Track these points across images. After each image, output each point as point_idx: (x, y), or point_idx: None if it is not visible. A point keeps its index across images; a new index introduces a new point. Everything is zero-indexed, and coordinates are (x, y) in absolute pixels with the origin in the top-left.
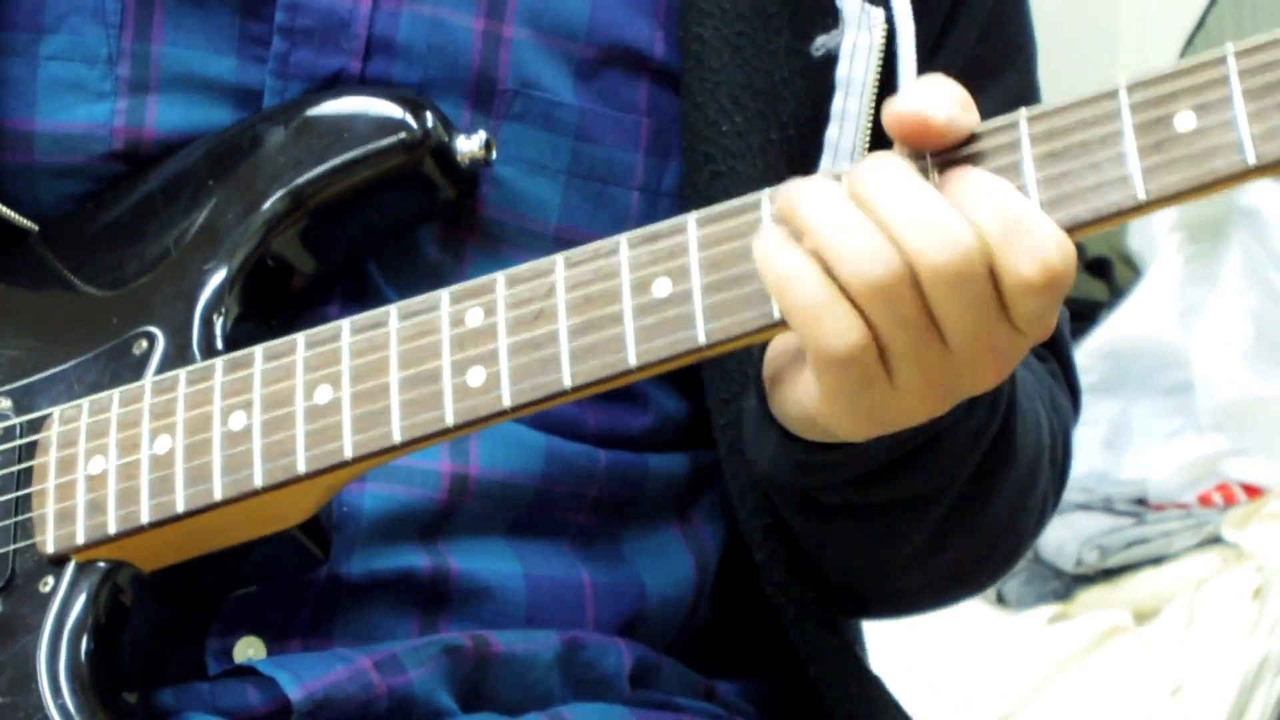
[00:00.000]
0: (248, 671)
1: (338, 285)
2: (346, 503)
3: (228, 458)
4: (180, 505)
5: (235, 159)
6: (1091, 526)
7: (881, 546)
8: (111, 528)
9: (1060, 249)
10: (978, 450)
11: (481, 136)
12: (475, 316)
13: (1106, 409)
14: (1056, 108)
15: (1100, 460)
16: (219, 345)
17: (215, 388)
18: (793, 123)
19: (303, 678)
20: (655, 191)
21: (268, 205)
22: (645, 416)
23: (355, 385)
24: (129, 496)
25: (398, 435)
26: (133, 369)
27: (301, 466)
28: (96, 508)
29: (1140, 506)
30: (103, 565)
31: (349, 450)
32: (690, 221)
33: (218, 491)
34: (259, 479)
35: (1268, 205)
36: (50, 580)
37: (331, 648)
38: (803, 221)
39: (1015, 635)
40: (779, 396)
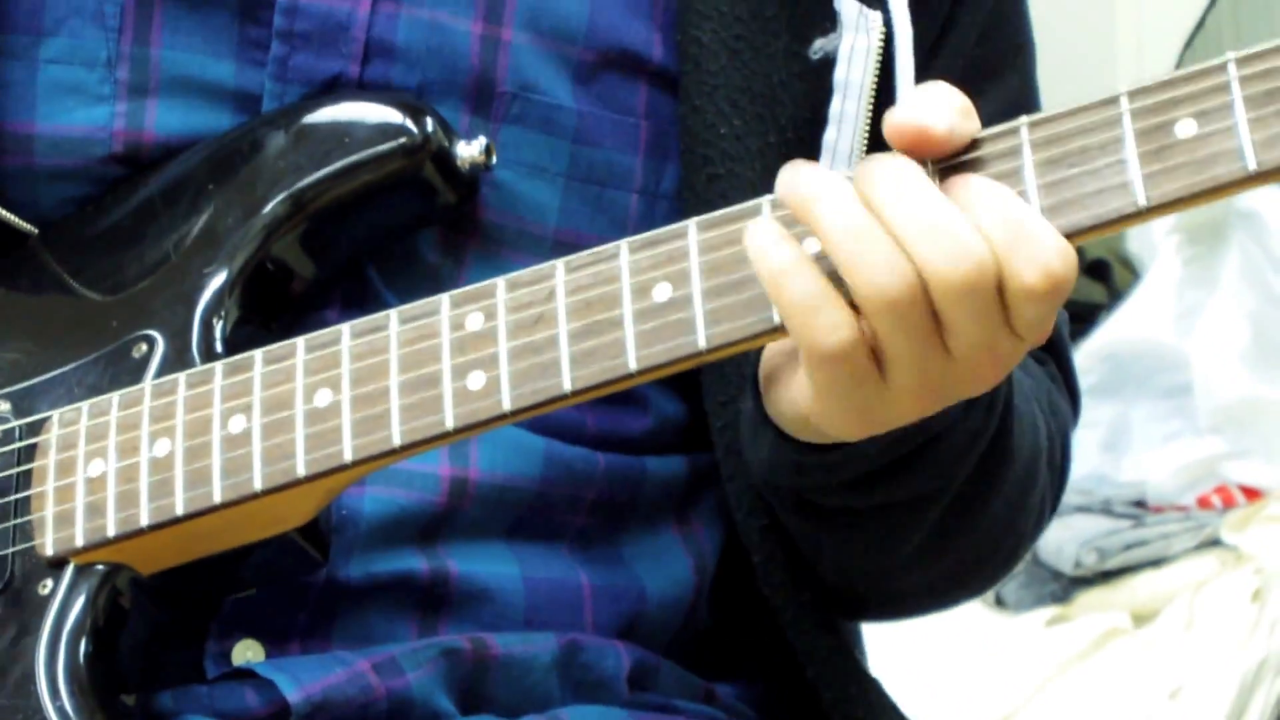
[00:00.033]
0: (246, 674)
1: (337, 289)
2: (346, 506)
3: (227, 461)
4: (179, 508)
5: (235, 163)
6: (1090, 529)
7: (879, 549)
8: (111, 530)
9: (1062, 256)
10: (975, 452)
11: (482, 141)
12: (475, 321)
13: (1105, 411)
14: (1057, 114)
15: (1099, 462)
16: (219, 349)
17: (215, 391)
18: (791, 125)
19: (301, 680)
20: (654, 194)
21: (268, 209)
22: (644, 419)
23: (355, 389)
24: (128, 499)
25: (397, 439)
26: (132, 372)
27: (301, 470)
28: (96, 510)
29: (1139, 509)
30: (101, 568)
31: (349, 454)
32: (691, 226)
33: (217, 494)
34: (258, 482)
35: (1267, 208)
36: (49, 583)
37: (330, 650)
38: (816, 221)
39: (1014, 637)
40: (774, 396)
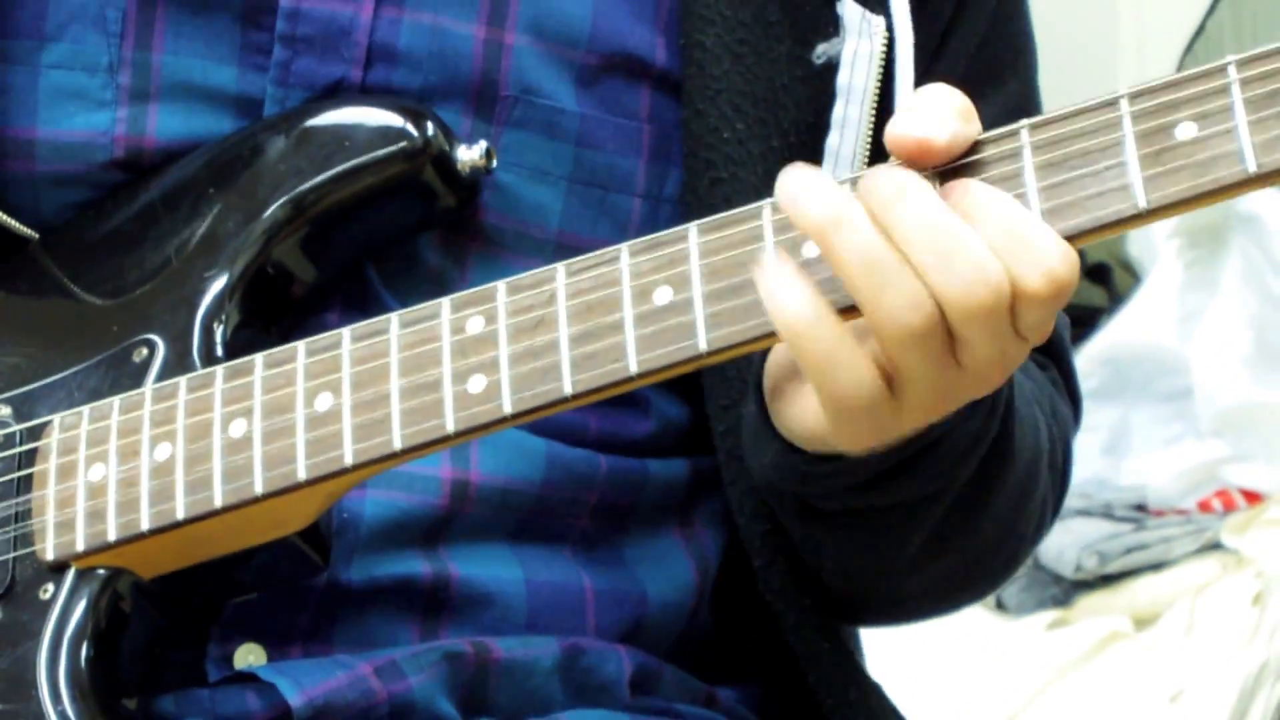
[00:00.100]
0: (248, 678)
1: (338, 292)
2: (347, 509)
3: (228, 465)
4: (180, 512)
5: (236, 167)
6: (1091, 532)
7: (881, 550)
8: (111, 535)
9: (1064, 259)
10: (976, 454)
11: (482, 145)
12: (476, 324)
13: (1106, 415)
14: (1057, 116)
15: (1100, 466)
16: (219, 353)
17: (216, 395)
18: (794, 130)
19: (303, 684)
20: (657, 198)
21: (268, 213)
22: (646, 422)
23: (356, 393)
24: (129, 504)
25: (398, 442)
26: (133, 376)
27: (302, 474)
28: (96, 515)
29: (1140, 512)
30: (102, 572)
31: (349, 457)
32: (691, 230)
33: (218, 499)
34: (259, 486)
35: (1267, 211)
36: (50, 587)
37: (332, 654)
38: (830, 252)
39: (1015, 641)
40: (781, 412)
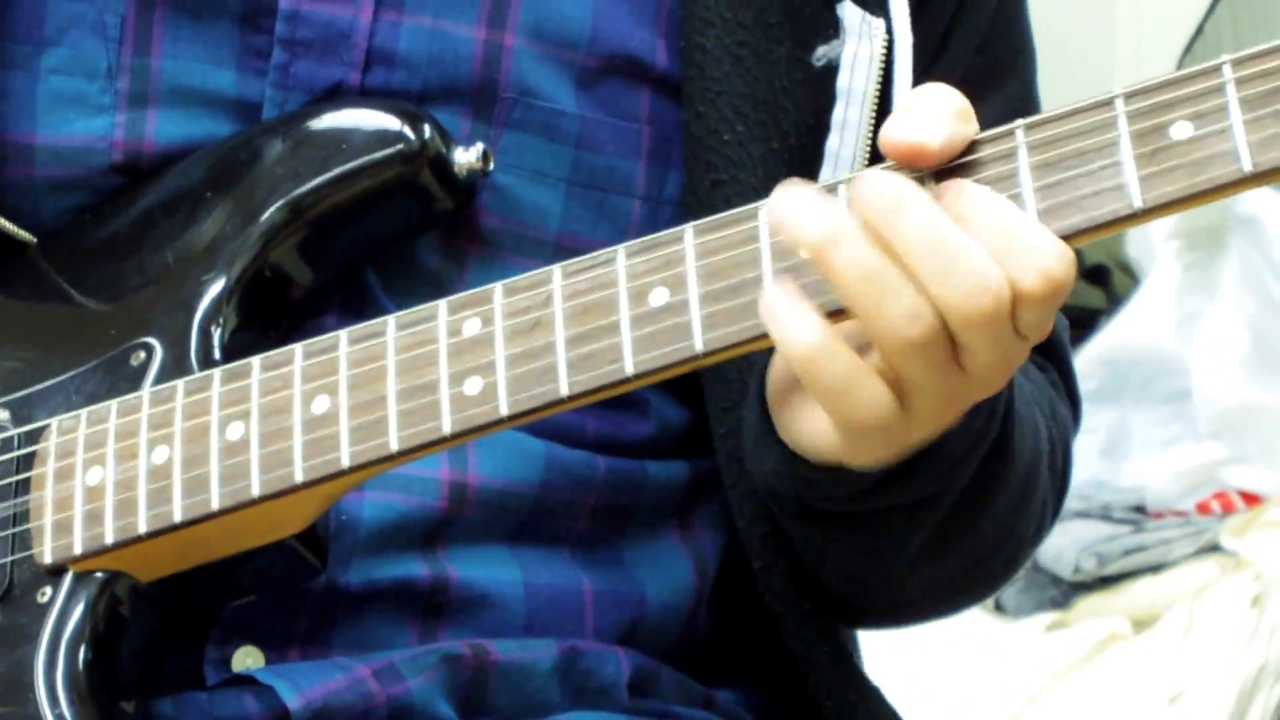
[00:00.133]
0: (246, 681)
1: (335, 295)
2: (345, 511)
3: (225, 468)
4: (178, 515)
5: (234, 171)
6: (1090, 534)
7: (881, 552)
8: (109, 538)
9: (1060, 259)
10: (976, 456)
11: (479, 148)
12: (472, 326)
13: (1105, 417)
14: (1052, 116)
15: (1099, 468)
16: (216, 356)
17: (213, 398)
18: (794, 132)
19: (301, 687)
20: (657, 200)
21: (266, 216)
22: (645, 424)
23: (352, 395)
24: (126, 507)
25: (395, 444)
26: (130, 380)
27: (299, 476)
28: (94, 518)
29: (1139, 514)
30: (100, 575)
31: (346, 460)
32: (687, 231)
33: (215, 501)
34: (256, 489)
35: (1266, 213)
36: (48, 590)
37: (330, 657)
38: (828, 269)
39: (1013, 643)
40: (786, 423)
